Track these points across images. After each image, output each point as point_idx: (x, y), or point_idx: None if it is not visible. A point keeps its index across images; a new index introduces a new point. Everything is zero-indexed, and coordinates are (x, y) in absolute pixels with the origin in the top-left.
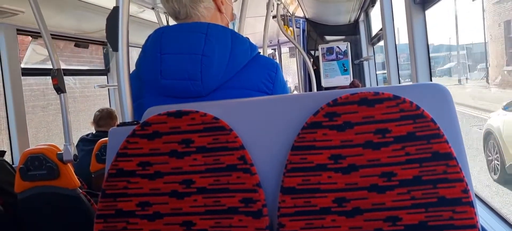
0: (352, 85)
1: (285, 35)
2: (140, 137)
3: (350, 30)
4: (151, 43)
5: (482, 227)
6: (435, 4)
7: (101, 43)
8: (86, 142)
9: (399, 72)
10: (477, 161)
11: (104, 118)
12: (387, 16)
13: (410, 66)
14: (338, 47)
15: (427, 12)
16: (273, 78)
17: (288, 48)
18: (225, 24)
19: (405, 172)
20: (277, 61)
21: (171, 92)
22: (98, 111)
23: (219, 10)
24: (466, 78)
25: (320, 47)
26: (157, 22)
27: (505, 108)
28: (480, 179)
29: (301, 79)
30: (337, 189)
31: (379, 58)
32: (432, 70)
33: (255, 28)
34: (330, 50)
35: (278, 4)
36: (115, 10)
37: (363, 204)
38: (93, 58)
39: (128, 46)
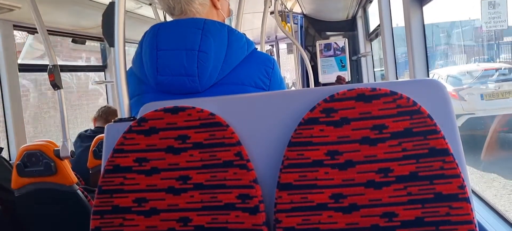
0: (338, 79)
1: (283, 32)
2: (137, 133)
3: (348, 26)
4: (147, 39)
5: (478, 223)
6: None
7: (98, 39)
8: (84, 138)
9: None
10: None
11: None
12: (385, 12)
13: (408, 61)
14: (336, 43)
15: None
16: (270, 73)
17: (286, 44)
18: (221, 20)
19: (401, 168)
20: (275, 57)
21: (168, 88)
22: (104, 107)
23: (215, 6)
24: None
25: (317, 43)
26: (154, 18)
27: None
28: None
29: (299, 75)
30: (334, 185)
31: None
32: None
33: (253, 24)
34: (327, 46)
35: (275, 0)
36: (111, 5)
37: (360, 200)
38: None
39: (124, 42)
